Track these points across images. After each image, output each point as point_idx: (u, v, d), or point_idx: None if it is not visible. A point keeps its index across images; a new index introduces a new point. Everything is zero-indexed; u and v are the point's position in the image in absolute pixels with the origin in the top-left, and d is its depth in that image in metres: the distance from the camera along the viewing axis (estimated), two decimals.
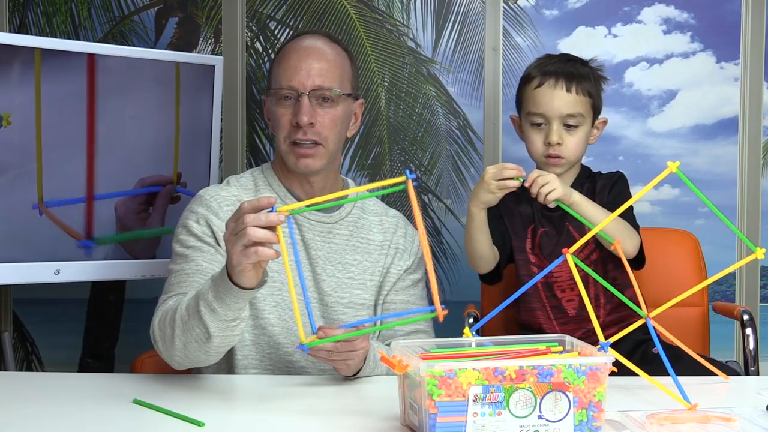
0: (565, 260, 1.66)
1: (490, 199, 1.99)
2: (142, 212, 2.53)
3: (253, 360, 1.92)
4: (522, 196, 2.11)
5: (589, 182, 2.15)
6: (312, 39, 1.99)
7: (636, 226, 2.06)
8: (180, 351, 1.69)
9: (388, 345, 1.93)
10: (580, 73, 2.10)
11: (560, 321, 2.11)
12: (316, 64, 1.93)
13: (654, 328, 1.64)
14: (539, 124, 2.09)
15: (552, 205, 1.97)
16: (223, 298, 1.57)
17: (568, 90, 2.07)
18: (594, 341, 1.49)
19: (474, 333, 1.59)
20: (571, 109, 2.07)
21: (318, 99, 1.93)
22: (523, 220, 2.15)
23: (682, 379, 1.56)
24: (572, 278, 2.08)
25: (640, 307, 1.65)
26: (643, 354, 2.04)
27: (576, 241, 1.64)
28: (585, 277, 2.00)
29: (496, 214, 2.12)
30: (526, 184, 1.95)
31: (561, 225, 2.11)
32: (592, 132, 2.14)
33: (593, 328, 1.54)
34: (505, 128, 2.87)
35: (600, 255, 2.07)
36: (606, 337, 2.00)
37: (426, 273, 2.12)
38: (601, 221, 1.68)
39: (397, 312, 1.99)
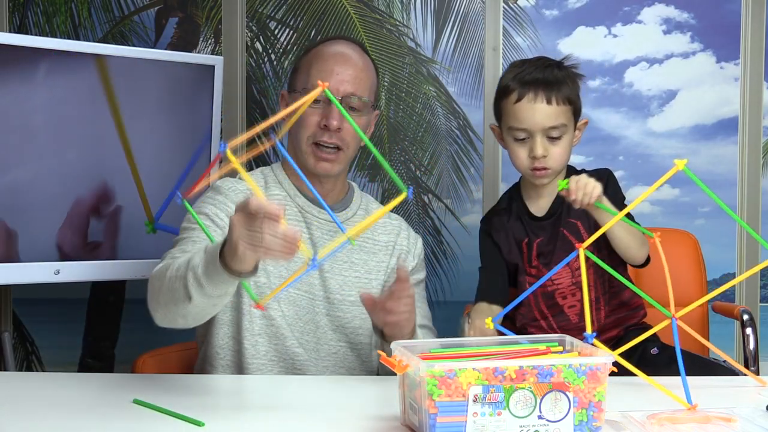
0: (565, 264, 1.67)
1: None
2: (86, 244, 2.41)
3: (261, 350, 1.93)
4: (511, 212, 2.10)
5: None
6: (345, 46, 2.02)
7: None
8: (162, 307, 1.67)
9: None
10: (558, 80, 2.02)
11: (563, 330, 2.09)
12: (350, 71, 1.97)
13: (678, 328, 1.62)
14: (522, 139, 2.03)
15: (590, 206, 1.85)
16: (212, 277, 1.54)
17: (549, 102, 2.00)
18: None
19: (496, 324, 1.59)
20: (553, 121, 2.01)
21: (347, 106, 1.96)
22: (515, 236, 2.10)
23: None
24: (573, 284, 2.07)
25: (667, 308, 1.64)
26: (642, 355, 2.04)
27: (573, 245, 1.64)
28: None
29: (493, 250, 2.11)
30: (571, 196, 1.83)
31: (555, 231, 2.08)
32: (575, 134, 2.10)
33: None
34: None
35: (599, 257, 2.06)
36: (606, 339, 2.03)
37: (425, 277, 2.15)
38: (618, 221, 1.67)
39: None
